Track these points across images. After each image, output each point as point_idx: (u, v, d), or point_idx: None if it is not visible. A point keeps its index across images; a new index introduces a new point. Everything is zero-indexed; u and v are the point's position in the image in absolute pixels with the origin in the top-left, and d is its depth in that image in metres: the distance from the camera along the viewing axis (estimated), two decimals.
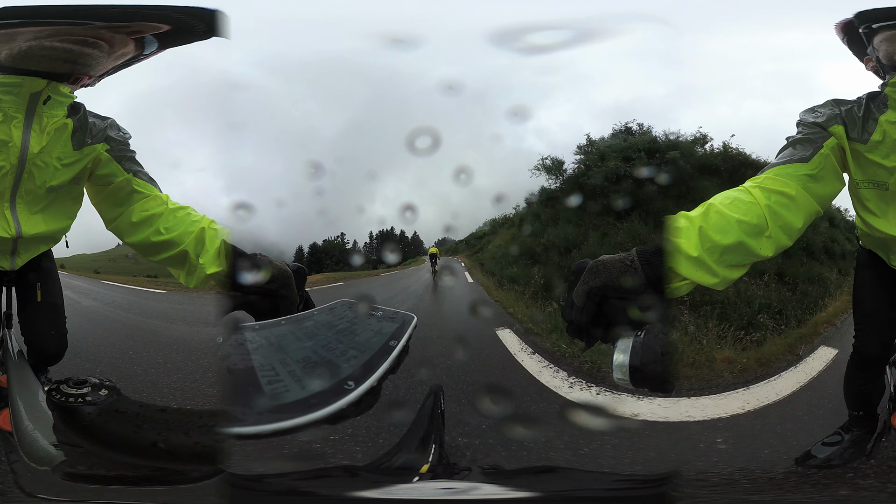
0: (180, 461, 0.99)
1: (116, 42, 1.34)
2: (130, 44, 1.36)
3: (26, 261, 1.64)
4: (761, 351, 3.14)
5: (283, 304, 1.04)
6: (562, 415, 2.07)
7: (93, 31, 1.29)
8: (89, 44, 1.31)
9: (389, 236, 4.61)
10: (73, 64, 1.36)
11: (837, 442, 1.71)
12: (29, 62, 1.34)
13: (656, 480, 0.86)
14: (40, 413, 1.15)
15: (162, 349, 3.31)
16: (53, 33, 1.29)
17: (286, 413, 0.57)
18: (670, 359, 0.80)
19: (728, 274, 1.02)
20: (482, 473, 0.91)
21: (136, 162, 1.56)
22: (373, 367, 0.69)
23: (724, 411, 2.46)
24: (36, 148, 1.43)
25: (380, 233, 4.72)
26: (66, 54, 1.32)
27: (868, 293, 1.64)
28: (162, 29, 1.33)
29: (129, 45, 1.36)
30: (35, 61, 1.34)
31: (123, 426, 1.02)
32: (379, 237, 4.74)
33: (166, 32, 1.35)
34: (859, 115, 1.30)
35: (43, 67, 1.36)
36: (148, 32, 1.34)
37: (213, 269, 1.31)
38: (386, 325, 0.85)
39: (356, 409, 0.63)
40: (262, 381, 0.63)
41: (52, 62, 1.35)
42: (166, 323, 4.02)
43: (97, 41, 1.31)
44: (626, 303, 0.88)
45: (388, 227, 4.61)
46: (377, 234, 4.77)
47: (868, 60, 1.38)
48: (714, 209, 1.04)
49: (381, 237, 4.71)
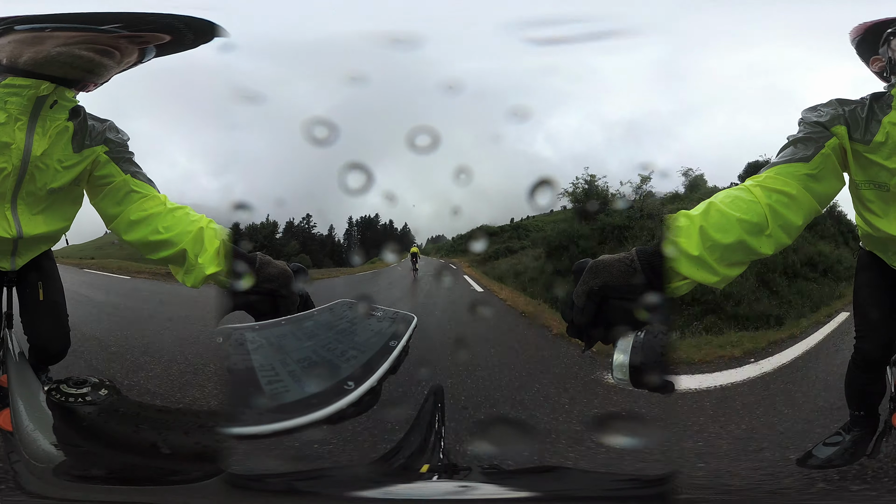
0: (180, 461, 0.99)
1: (126, 51, 1.37)
2: (135, 52, 1.39)
3: (27, 261, 1.65)
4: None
5: (283, 304, 1.04)
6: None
7: (113, 40, 1.31)
8: (107, 53, 1.34)
9: (371, 225, 4.17)
10: (89, 73, 1.39)
11: (838, 442, 1.71)
12: (50, 67, 1.36)
13: (656, 480, 0.86)
14: (41, 413, 1.15)
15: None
16: (81, 40, 1.31)
17: (286, 413, 0.57)
18: (670, 359, 0.80)
19: (728, 272, 1.02)
20: (482, 473, 0.91)
21: (134, 163, 1.57)
22: (373, 367, 0.69)
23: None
24: (38, 150, 1.44)
25: (362, 219, 4.23)
26: (87, 63, 1.35)
27: (869, 294, 1.63)
28: (165, 39, 1.37)
29: (134, 53, 1.39)
30: (56, 67, 1.36)
31: (123, 426, 1.02)
32: (361, 225, 4.23)
33: (167, 42, 1.39)
34: (862, 116, 1.29)
35: (59, 73, 1.38)
36: (154, 42, 1.36)
37: (213, 269, 1.31)
38: (386, 326, 0.85)
39: (356, 409, 0.63)
40: (262, 381, 0.63)
41: (71, 69, 1.37)
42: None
43: (112, 50, 1.34)
44: (626, 303, 0.88)
45: (372, 214, 4.18)
46: (359, 221, 4.25)
47: (875, 61, 1.38)
48: (715, 208, 1.04)
49: (362, 225, 4.21)
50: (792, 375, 2.96)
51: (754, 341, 3.36)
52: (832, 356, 3.01)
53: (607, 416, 2.35)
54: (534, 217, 5.47)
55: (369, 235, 4.36)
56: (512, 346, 3.62)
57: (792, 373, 3.01)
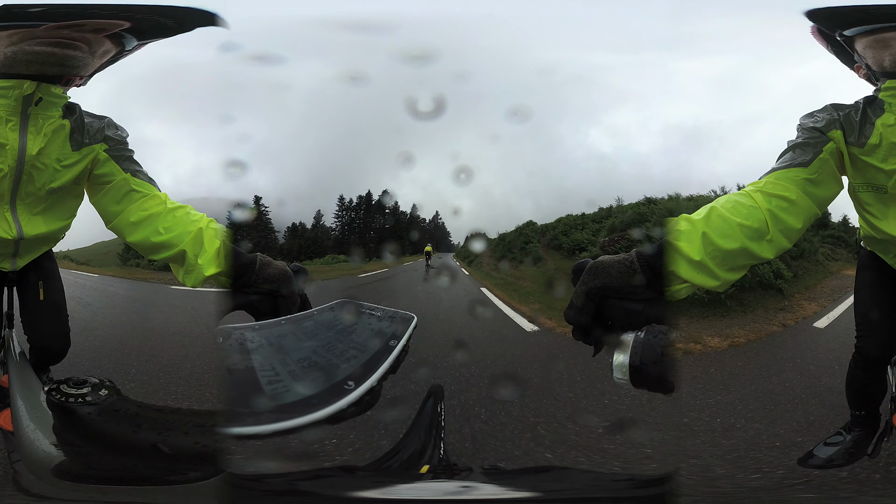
0: (180, 461, 0.99)
1: (92, 42, 1.35)
2: (106, 42, 1.38)
3: (27, 261, 1.65)
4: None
5: (283, 304, 1.04)
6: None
7: (56, 31, 1.30)
8: (69, 45, 1.33)
9: (368, 203, 3.31)
10: (61, 66, 1.37)
11: (839, 442, 1.71)
12: (17, 67, 1.35)
13: (656, 480, 0.86)
14: (41, 413, 1.15)
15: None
16: (27, 37, 1.31)
17: (286, 413, 0.57)
18: (670, 359, 0.80)
19: (729, 276, 1.03)
20: (482, 473, 0.91)
21: (134, 161, 1.56)
22: (373, 366, 0.69)
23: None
24: (34, 150, 1.43)
25: (362, 199, 3.41)
26: (50, 57, 1.34)
27: (869, 294, 1.64)
28: (124, 25, 1.35)
29: (105, 43, 1.38)
30: (23, 66, 1.35)
31: (123, 426, 1.02)
32: (361, 206, 3.35)
33: (137, 28, 1.37)
34: (856, 120, 1.30)
35: (32, 71, 1.37)
36: (112, 30, 1.35)
37: (213, 270, 1.31)
38: (386, 325, 0.85)
39: (356, 409, 0.63)
40: (262, 381, 0.63)
41: (40, 66, 1.36)
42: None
43: (75, 42, 1.33)
44: (626, 303, 0.88)
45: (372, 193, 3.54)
46: (355, 201, 3.34)
47: (858, 68, 1.38)
48: (716, 213, 1.05)
49: (362, 206, 3.34)
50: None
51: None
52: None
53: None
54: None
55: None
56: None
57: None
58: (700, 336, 3.76)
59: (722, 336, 3.81)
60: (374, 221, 4.15)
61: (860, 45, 1.30)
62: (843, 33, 1.30)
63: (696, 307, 4.12)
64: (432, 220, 4.42)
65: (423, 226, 4.41)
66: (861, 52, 1.31)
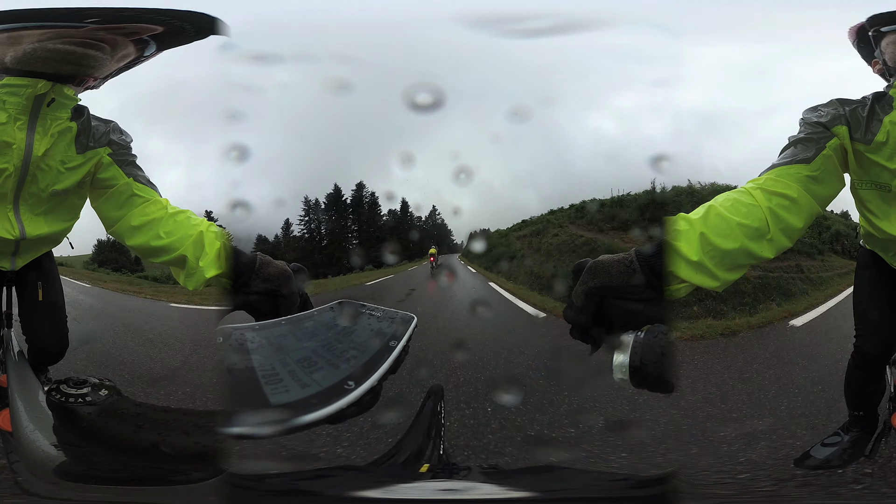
0: (180, 461, 0.99)
1: (118, 44, 1.36)
2: (130, 45, 1.38)
3: (27, 261, 1.65)
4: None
5: (283, 304, 1.04)
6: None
7: (92, 32, 1.30)
8: (91, 45, 1.33)
9: (337, 201, 2.83)
10: (77, 65, 1.37)
11: (837, 442, 1.71)
12: (34, 64, 1.35)
13: (656, 480, 0.86)
14: (40, 413, 1.15)
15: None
16: (55, 35, 1.30)
17: (286, 413, 0.57)
18: (670, 358, 0.80)
19: (728, 276, 1.01)
20: (482, 473, 0.91)
21: (136, 166, 1.57)
22: (373, 367, 0.69)
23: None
24: (40, 150, 1.43)
25: (331, 196, 2.90)
26: (69, 56, 1.33)
27: (869, 293, 1.63)
28: (157, 30, 1.36)
29: (129, 46, 1.38)
30: (40, 63, 1.35)
31: (123, 426, 1.02)
32: (330, 204, 2.88)
33: (162, 34, 1.37)
34: (864, 116, 1.28)
35: (48, 69, 1.37)
36: (144, 34, 1.36)
37: (213, 271, 1.31)
38: (386, 325, 0.85)
39: (356, 409, 0.63)
40: (262, 381, 0.63)
41: (56, 64, 1.36)
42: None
43: (99, 43, 1.33)
44: (626, 303, 0.88)
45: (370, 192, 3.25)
46: (322, 200, 2.94)
47: (875, 63, 1.38)
48: (714, 212, 1.03)
49: (330, 204, 2.85)
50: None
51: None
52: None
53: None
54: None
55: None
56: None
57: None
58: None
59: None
60: (350, 222, 3.91)
61: (885, 42, 1.29)
62: (881, 29, 1.29)
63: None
64: (428, 216, 4.31)
65: (422, 225, 4.32)
66: (884, 47, 1.30)
